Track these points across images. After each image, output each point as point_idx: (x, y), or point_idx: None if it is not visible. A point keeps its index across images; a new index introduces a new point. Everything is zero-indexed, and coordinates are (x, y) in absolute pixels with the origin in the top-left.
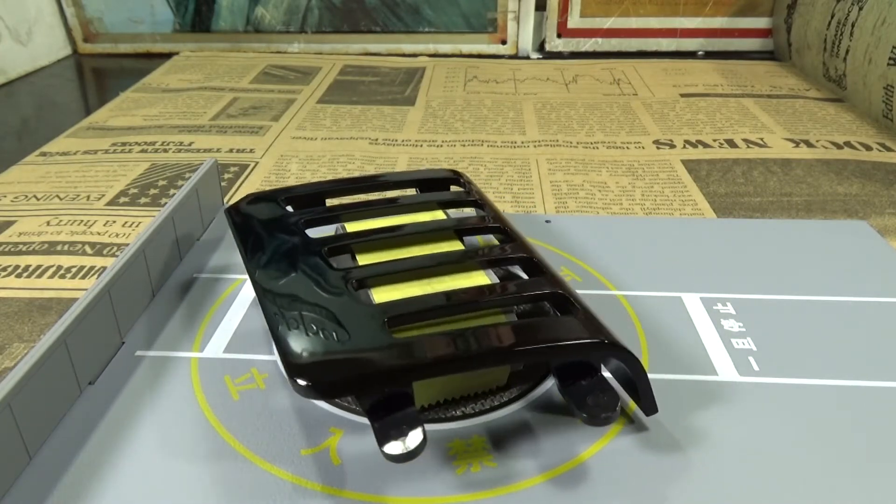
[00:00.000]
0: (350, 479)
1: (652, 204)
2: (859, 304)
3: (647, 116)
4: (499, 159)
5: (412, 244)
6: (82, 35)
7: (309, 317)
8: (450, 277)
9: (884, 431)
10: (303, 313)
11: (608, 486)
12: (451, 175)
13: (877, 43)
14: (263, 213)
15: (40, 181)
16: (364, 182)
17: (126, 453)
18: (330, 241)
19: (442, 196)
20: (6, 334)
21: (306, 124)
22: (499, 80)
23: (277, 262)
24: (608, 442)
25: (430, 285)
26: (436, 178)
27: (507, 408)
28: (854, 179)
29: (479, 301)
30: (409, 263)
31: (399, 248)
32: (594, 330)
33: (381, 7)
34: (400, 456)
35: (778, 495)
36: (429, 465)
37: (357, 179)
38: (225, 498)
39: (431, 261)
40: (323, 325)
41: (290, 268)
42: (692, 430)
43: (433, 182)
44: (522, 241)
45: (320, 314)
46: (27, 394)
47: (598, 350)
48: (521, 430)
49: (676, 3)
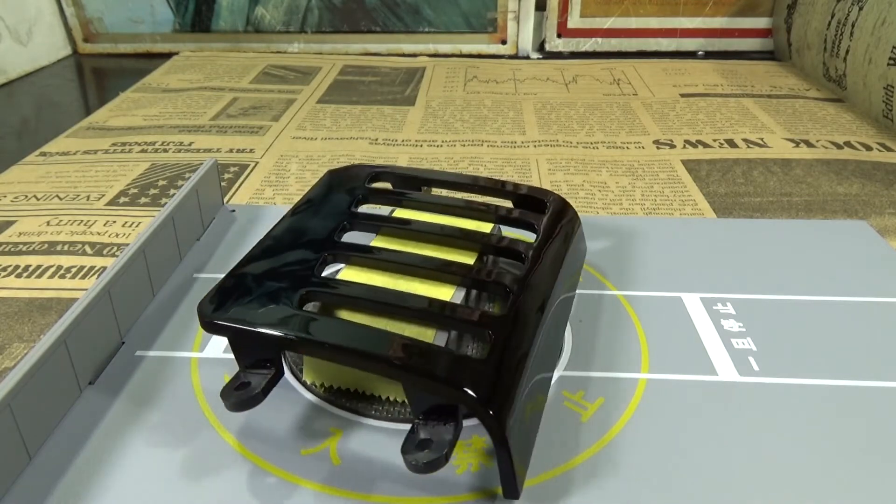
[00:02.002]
0: (350, 479)
1: (652, 204)
2: (859, 304)
3: (647, 116)
4: (499, 159)
5: (427, 242)
6: (82, 35)
7: (257, 273)
8: (419, 282)
9: (884, 431)
10: (258, 269)
11: (608, 487)
12: (549, 199)
13: (877, 43)
14: (347, 181)
15: (40, 181)
16: (463, 180)
17: (126, 453)
18: (353, 218)
19: (506, 212)
20: (6, 334)
21: (306, 124)
22: (499, 80)
23: (299, 223)
24: (608, 442)
25: (395, 282)
26: (535, 198)
27: None
28: (854, 179)
29: (409, 309)
30: (389, 256)
31: (414, 243)
32: (469, 379)
33: (381, 7)
34: (417, 466)
35: (778, 495)
36: None
37: (458, 176)
38: (225, 498)
39: (411, 260)
40: (258, 284)
41: (299, 232)
42: (692, 430)
43: (531, 201)
44: (535, 273)
45: (268, 275)
46: (27, 394)
47: (456, 400)
48: None
49: (676, 3)
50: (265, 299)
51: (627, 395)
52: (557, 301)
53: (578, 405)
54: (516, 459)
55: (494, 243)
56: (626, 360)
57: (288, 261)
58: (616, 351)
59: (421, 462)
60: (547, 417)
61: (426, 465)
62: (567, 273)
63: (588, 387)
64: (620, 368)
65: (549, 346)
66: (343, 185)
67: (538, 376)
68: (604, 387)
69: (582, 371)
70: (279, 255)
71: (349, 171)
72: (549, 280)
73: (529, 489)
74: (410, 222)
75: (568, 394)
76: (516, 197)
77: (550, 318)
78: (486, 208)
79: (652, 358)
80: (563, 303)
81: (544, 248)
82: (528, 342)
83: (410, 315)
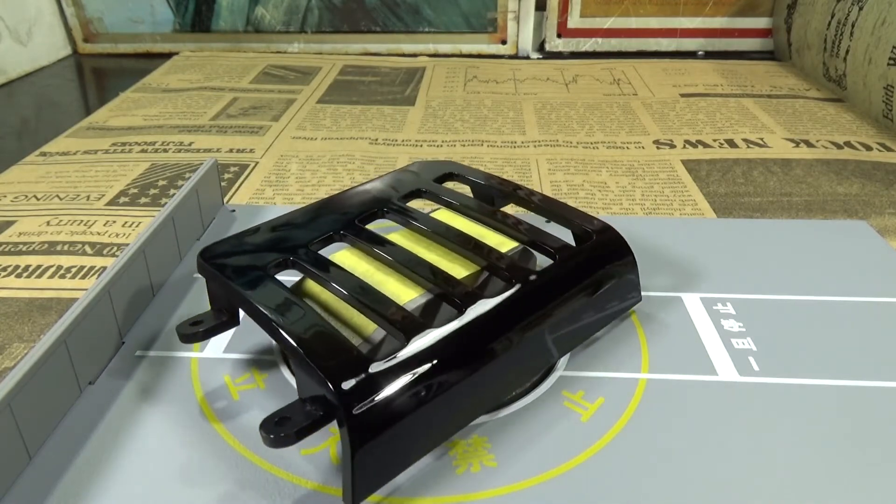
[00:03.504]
0: None
1: (652, 204)
2: (859, 304)
3: (647, 116)
4: (499, 159)
5: (438, 245)
6: (82, 35)
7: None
8: (394, 278)
9: (883, 431)
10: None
11: (608, 486)
12: (601, 234)
13: (877, 43)
14: (424, 172)
15: (40, 181)
16: (534, 199)
17: (126, 453)
18: (389, 208)
19: (532, 236)
20: (6, 334)
21: (306, 124)
22: (499, 80)
23: (343, 199)
24: (608, 442)
25: (372, 273)
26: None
27: (508, 408)
28: (854, 179)
29: (357, 300)
30: (383, 249)
31: (427, 242)
32: (336, 368)
33: (381, 7)
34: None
35: (778, 495)
36: (429, 465)
37: (534, 193)
38: (225, 498)
39: (397, 257)
40: (258, 243)
41: (334, 206)
42: (692, 430)
43: (580, 230)
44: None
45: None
46: (27, 394)
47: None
48: (521, 430)
49: (676, 3)
50: (247, 257)
51: (627, 395)
52: (536, 334)
53: (578, 405)
54: (365, 470)
55: (493, 261)
56: (626, 360)
57: (300, 229)
58: (616, 351)
59: (268, 435)
60: (547, 417)
61: (272, 439)
62: (569, 311)
63: (588, 387)
64: (620, 368)
65: (494, 379)
66: (417, 175)
67: (448, 404)
68: (604, 387)
69: (582, 371)
70: (301, 223)
71: (433, 165)
72: (519, 310)
73: (530, 489)
74: (434, 224)
75: (568, 394)
76: (572, 225)
77: (510, 350)
78: (515, 226)
79: (652, 358)
80: (555, 339)
81: (544, 279)
82: (439, 359)
83: (357, 305)
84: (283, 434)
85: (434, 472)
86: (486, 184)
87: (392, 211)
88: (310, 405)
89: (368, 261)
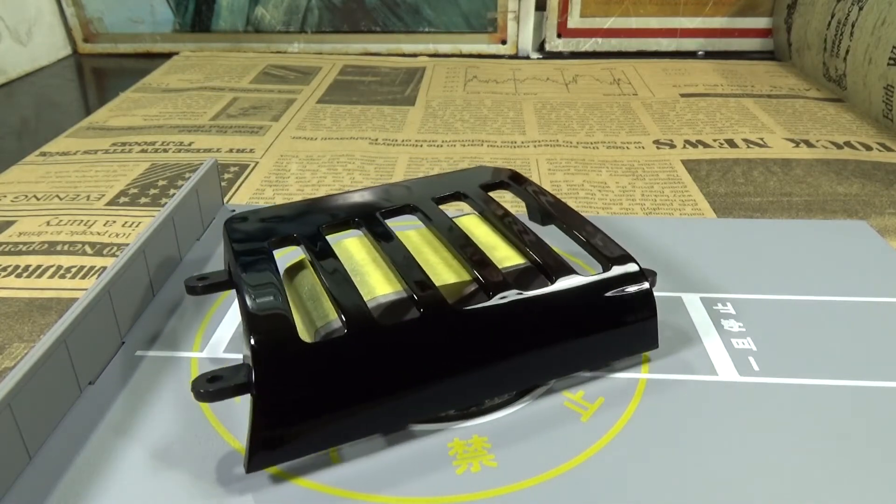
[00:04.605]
0: (350, 479)
1: (652, 204)
2: (859, 304)
3: (647, 116)
4: (499, 159)
5: (445, 248)
6: (82, 35)
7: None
8: (381, 273)
9: (884, 431)
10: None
11: (608, 486)
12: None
13: (877, 43)
14: (478, 177)
15: (40, 181)
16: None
17: (126, 453)
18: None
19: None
20: (6, 334)
21: (306, 124)
22: (499, 80)
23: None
24: (608, 442)
25: (365, 264)
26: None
27: (507, 408)
28: (854, 179)
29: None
30: (388, 246)
31: (436, 243)
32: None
33: (381, 7)
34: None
35: (778, 495)
36: (429, 465)
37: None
38: (225, 498)
39: (392, 255)
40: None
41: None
42: (692, 430)
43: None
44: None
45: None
46: (27, 394)
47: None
48: (521, 430)
49: (676, 3)
50: (261, 228)
51: (627, 395)
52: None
53: (578, 405)
54: (264, 442)
55: (482, 273)
56: (626, 359)
57: (324, 212)
58: None
59: (199, 389)
60: (547, 417)
61: (201, 392)
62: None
63: (588, 387)
64: (620, 368)
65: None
66: (471, 179)
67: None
68: (604, 387)
69: (582, 371)
70: (332, 206)
71: (492, 171)
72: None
73: (530, 489)
74: (451, 228)
75: (568, 394)
76: (602, 264)
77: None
78: (532, 246)
79: (652, 358)
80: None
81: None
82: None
83: (325, 290)
84: (202, 390)
85: (434, 472)
86: (534, 200)
87: (418, 209)
88: (244, 372)
89: (369, 251)
